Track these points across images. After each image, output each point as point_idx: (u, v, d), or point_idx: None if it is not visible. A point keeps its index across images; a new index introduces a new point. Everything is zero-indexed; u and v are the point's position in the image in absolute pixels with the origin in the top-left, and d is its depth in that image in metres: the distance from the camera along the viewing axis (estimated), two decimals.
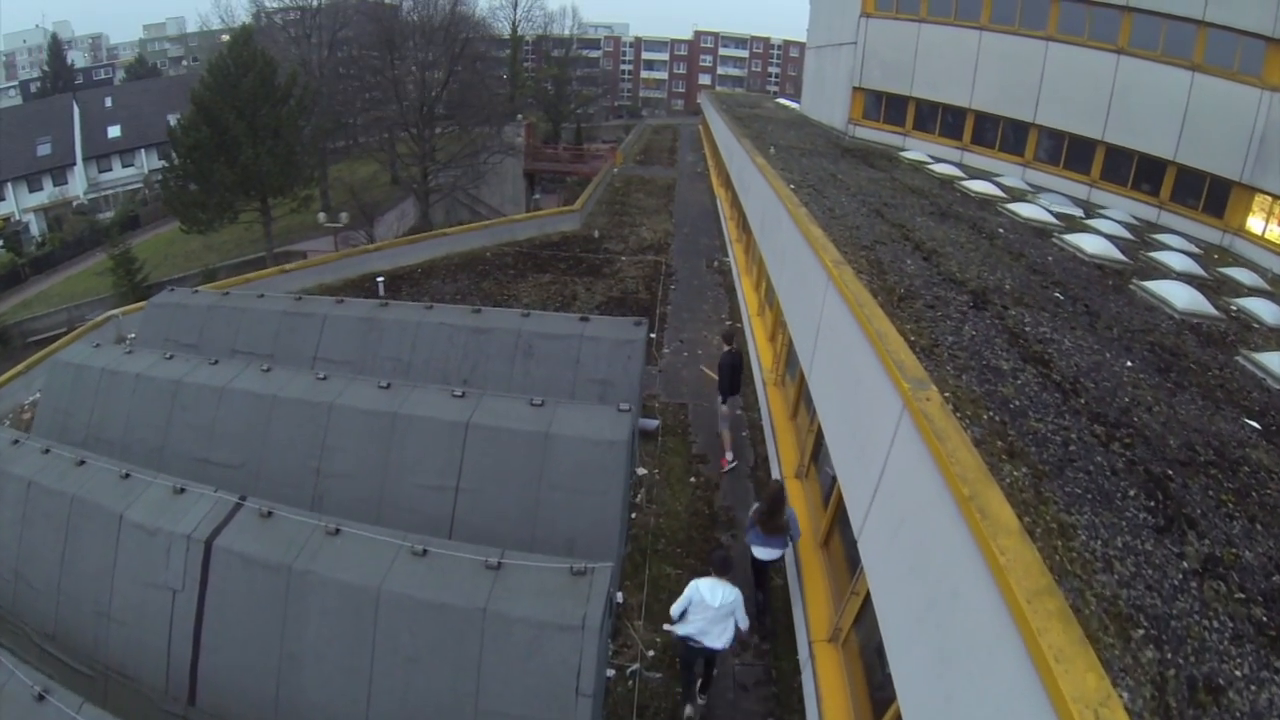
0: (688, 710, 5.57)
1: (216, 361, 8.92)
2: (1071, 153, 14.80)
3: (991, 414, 3.71)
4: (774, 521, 6.07)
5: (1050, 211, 10.84)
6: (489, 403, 7.48)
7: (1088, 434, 3.67)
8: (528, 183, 33.30)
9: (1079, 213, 12.20)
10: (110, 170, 51.03)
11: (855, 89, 20.36)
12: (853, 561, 5.23)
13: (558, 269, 15.29)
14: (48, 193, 47.79)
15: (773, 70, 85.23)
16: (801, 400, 8.64)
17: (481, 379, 9.00)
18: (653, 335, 12.21)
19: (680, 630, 5.24)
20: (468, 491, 6.88)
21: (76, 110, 50.60)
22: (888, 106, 20.00)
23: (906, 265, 6.86)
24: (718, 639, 5.19)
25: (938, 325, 5.21)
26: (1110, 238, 9.36)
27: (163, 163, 24.38)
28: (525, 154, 31.89)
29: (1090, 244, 8.63)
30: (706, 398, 10.44)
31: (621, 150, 33.86)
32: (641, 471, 8.62)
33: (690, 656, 5.40)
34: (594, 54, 78.36)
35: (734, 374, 9.04)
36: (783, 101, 39.28)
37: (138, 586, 5.73)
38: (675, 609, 5.24)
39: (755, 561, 6.31)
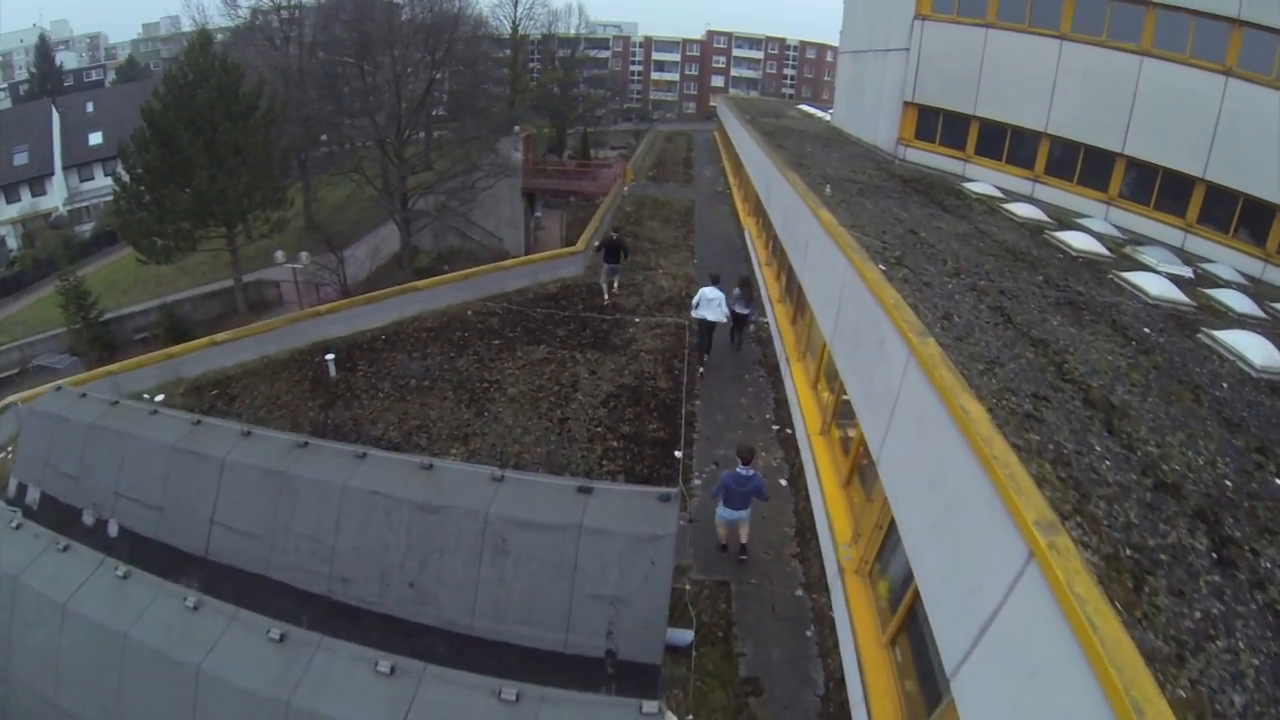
0: (703, 359, 11.13)
1: (67, 548, 6.10)
2: (1165, 191, 12.11)
3: None
4: (748, 291, 11.57)
5: (1169, 278, 8.78)
6: (434, 691, 4.35)
7: None
8: (527, 203, 30.11)
9: (1186, 271, 9.94)
10: (91, 179, 48.19)
11: (907, 104, 17.17)
12: None
13: (555, 338, 12.11)
14: (24, 204, 45.12)
15: (788, 72, 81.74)
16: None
17: (434, 583, 5.88)
18: (678, 454, 9.03)
19: (696, 313, 10.73)
20: None
21: (56, 116, 47.94)
22: (946, 126, 16.82)
23: (1094, 455, 4.34)
24: (717, 315, 10.68)
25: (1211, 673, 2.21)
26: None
27: (109, 179, 21.31)
28: (524, 170, 28.68)
29: (1258, 352, 6.39)
30: (759, 568, 7.32)
31: (632, 165, 30.62)
32: None
33: (703, 329, 10.98)
34: (602, 54, 75.21)
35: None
36: (806, 109, 36.02)
37: None
38: (693, 303, 10.82)
39: (734, 314, 11.25)
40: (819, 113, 32.76)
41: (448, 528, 6.00)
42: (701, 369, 11.12)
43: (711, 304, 10.61)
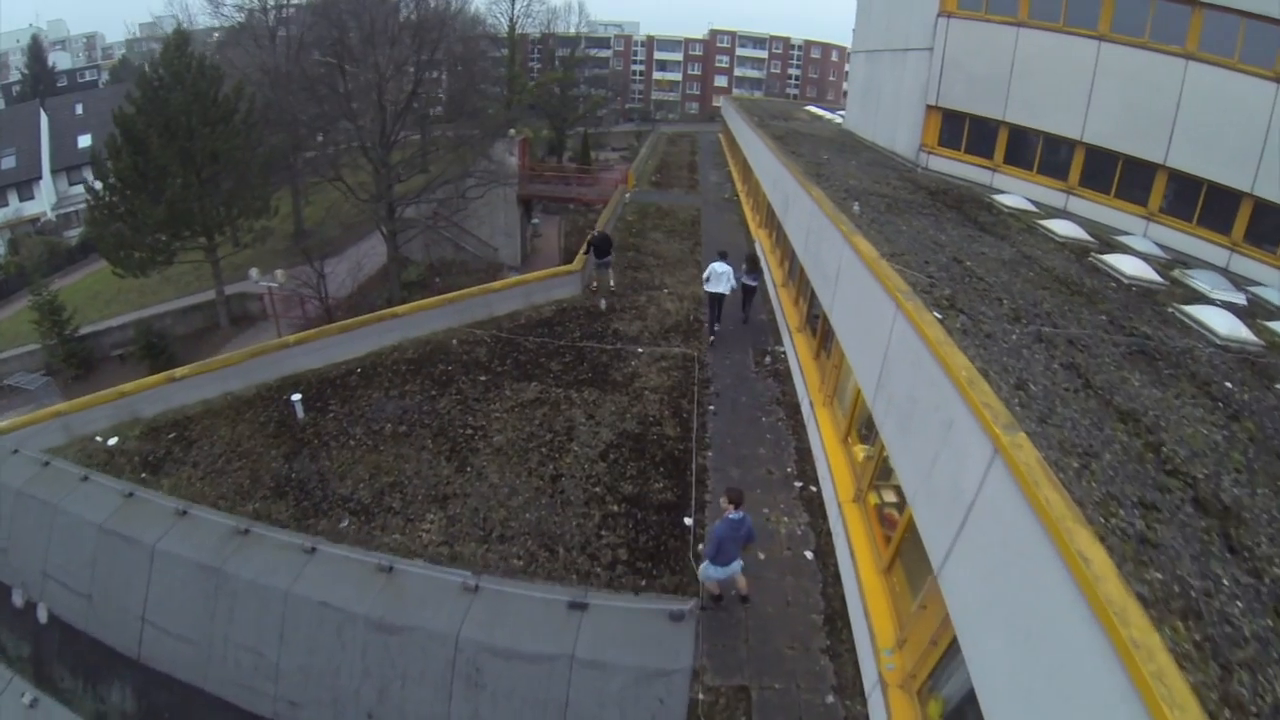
0: (714, 330, 12.10)
1: None
2: (1209, 206, 11.14)
3: None
4: (755, 266, 13.21)
5: (1231, 310, 7.94)
6: None
7: None
8: (523, 209, 28.80)
9: (1239, 297, 8.99)
10: (81, 183, 47.14)
11: (930, 108, 15.97)
12: None
13: (548, 372, 10.88)
14: (10, 210, 43.97)
15: (793, 72, 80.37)
16: None
17: (396, 716, 4.71)
18: (688, 521, 7.82)
19: (706, 287, 11.69)
20: None
21: (45, 118, 46.83)
22: (972, 132, 15.63)
23: (1223, 594, 3.47)
24: (725, 287, 11.60)
25: None
26: None
27: (99, 183, 20.10)
28: (519, 176, 27.34)
29: None
30: (784, 667, 6.13)
31: (633, 169, 29.34)
32: None
33: (713, 301, 11.80)
34: (603, 54, 73.94)
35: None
36: (814, 110, 34.74)
37: None
38: (704, 277, 11.82)
39: (743, 286, 12.72)
40: (828, 114, 31.52)
41: (411, 652, 4.82)
42: (712, 338, 12.26)
43: (721, 278, 11.69)
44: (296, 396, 10.22)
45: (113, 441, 10.22)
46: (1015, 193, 14.22)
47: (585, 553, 7.45)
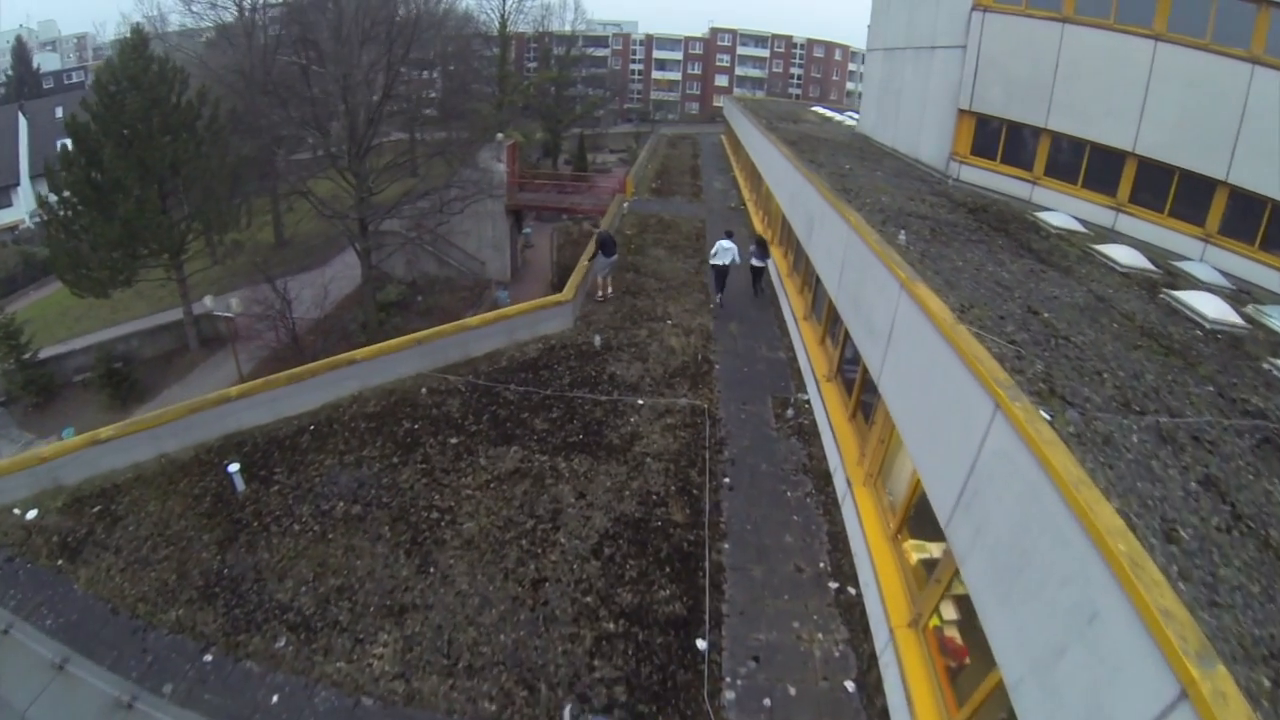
0: (717, 299, 13.61)
1: None
2: (1276, 228, 9.85)
3: None
4: (764, 247, 14.76)
5: None
6: None
7: None
8: (513, 220, 27.08)
9: None
10: None
11: (962, 113, 14.41)
12: None
13: (531, 432, 9.29)
14: None
15: (795, 71, 78.66)
16: None
17: None
18: (701, 645, 6.25)
19: (713, 260, 13.31)
20: None
21: (24, 122, 45.19)
22: (1010, 140, 14.08)
23: None
24: (728, 259, 13.14)
25: None
26: None
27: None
28: (508, 184, 25.61)
29: None
30: None
31: (633, 175, 27.70)
32: None
33: (719, 273, 13.38)
34: (601, 53, 72.31)
35: None
36: (823, 111, 33.14)
37: None
38: (711, 253, 13.55)
39: (753, 267, 14.52)
40: (837, 116, 29.94)
41: None
42: (718, 303, 13.71)
43: (727, 252, 13.36)
44: (234, 467, 8.64)
45: (31, 515, 8.66)
46: (1059, 209, 12.74)
47: (573, 691, 5.90)
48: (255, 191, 21.92)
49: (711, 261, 13.52)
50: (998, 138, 13.98)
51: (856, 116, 29.05)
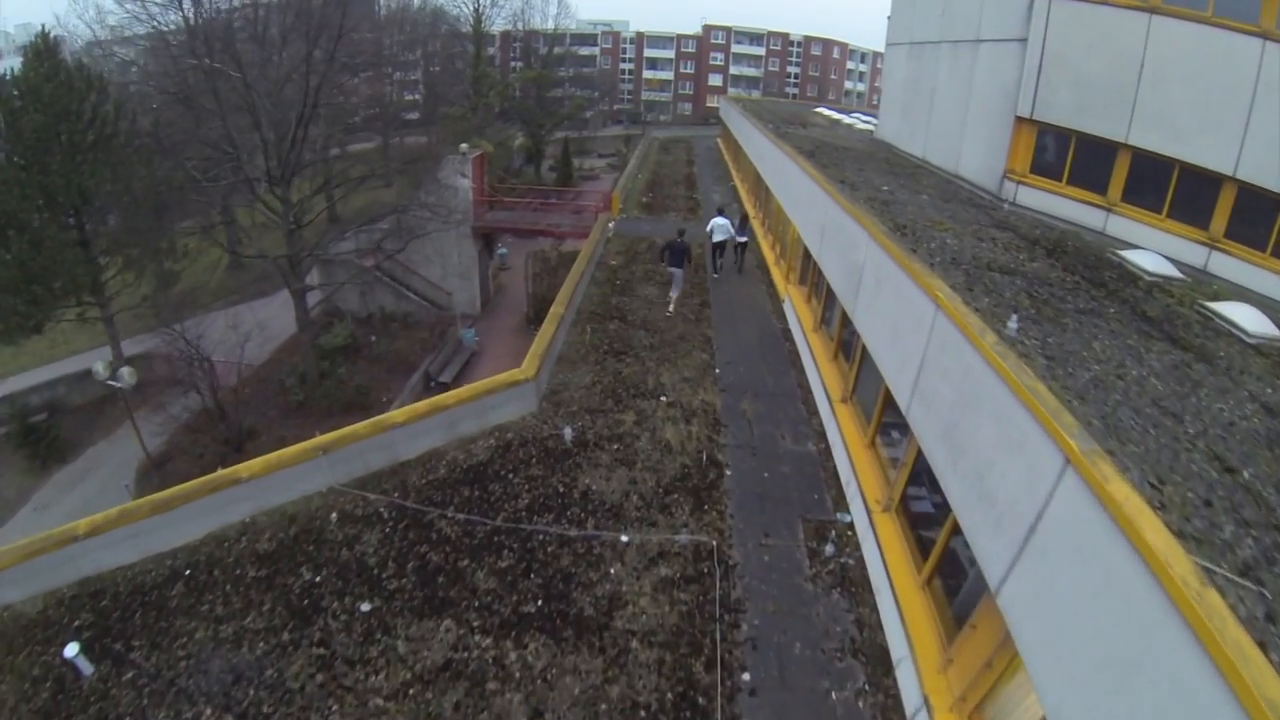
0: (716, 267, 15.65)
1: None
2: None
3: None
4: (744, 226, 16.78)
5: None
6: None
7: None
8: (482, 244, 24.13)
9: None
10: None
11: (1021, 121, 11.82)
12: None
13: (473, 596, 6.60)
14: None
15: (792, 70, 75.96)
16: None
17: None
18: None
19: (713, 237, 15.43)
20: None
21: None
22: (1080, 157, 11.49)
23: None
24: (725, 235, 15.28)
25: None
26: None
27: None
28: (475, 202, 22.67)
29: None
30: None
31: (620, 190, 24.96)
32: None
33: (715, 247, 15.48)
34: (589, 51, 69.54)
35: None
36: (829, 113, 30.52)
37: None
38: (708, 229, 15.61)
39: (738, 243, 16.17)
40: (845, 118, 27.29)
41: None
42: (716, 274, 15.48)
43: (722, 228, 15.25)
44: (72, 650, 6.01)
45: None
46: (1141, 244, 10.22)
47: None
48: (190, 216, 19.04)
49: (710, 236, 15.58)
50: (1065, 152, 11.39)
51: (868, 119, 26.40)
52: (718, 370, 10.84)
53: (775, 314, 13.88)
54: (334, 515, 7.73)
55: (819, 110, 32.73)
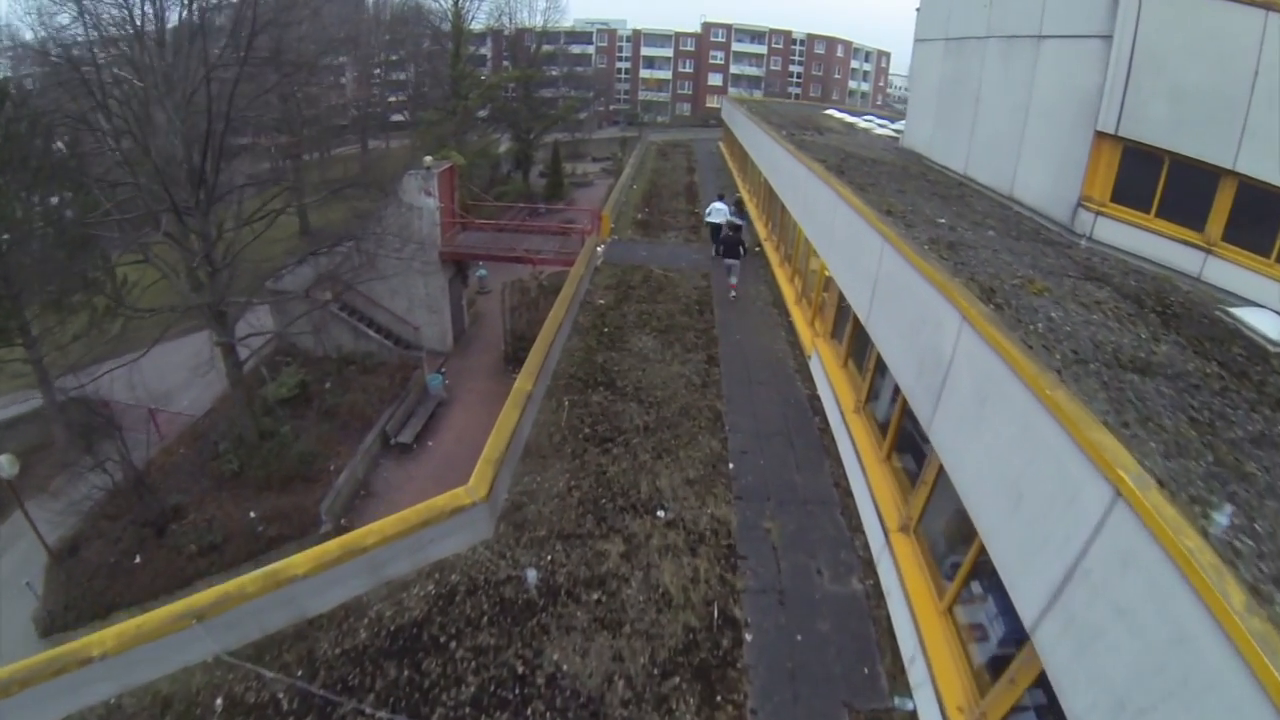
0: (717, 250, 16.53)
1: None
2: None
3: None
4: (742, 209, 20.30)
5: None
6: None
7: None
8: (454, 270, 21.74)
9: None
10: None
11: (1102, 137, 9.69)
12: None
13: None
14: None
15: (794, 69, 73.79)
16: None
17: None
18: None
19: (708, 219, 18.51)
20: None
21: None
22: (1172, 184, 9.39)
23: None
24: (722, 218, 17.87)
25: None
26: None
27: None
28: (444, 224, 20.26)
29: None
30: None
31: (611, 207, 22.86)
32: None
33: (713, 230, 17.98)
34: (584, 49, 67.29)
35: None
36: (840, 115, 28.47)
37: None
38: (705, 212, 19.26)
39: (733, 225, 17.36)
40: (860, 121, 25.22)
41: None
42: (718, 253, 16.59)
43: (720, 211, 18.14)
44: None
45: None
46: (1244, 293, 8.25)
47: None
48: (118, 249, 16.85)
49: (707, 219, 18.15)
50: (1154, 179, 9.25)
51: (884, 123, 24.37)
52: (731, 465, 8.78)
53: (799, 371, 11.82)
54: (219, 702, 5.72)
55: (828, 112, 30.70)
